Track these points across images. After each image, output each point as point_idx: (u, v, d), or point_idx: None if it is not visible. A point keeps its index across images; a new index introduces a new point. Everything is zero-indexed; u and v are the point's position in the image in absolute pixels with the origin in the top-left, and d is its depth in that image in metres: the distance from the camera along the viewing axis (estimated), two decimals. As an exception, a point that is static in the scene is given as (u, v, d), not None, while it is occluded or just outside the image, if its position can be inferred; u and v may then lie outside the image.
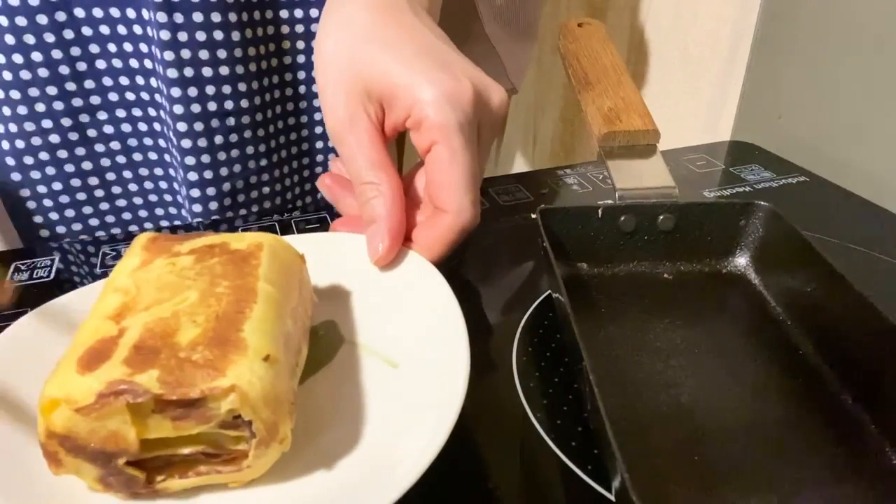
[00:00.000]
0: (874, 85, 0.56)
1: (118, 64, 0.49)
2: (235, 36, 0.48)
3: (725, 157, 0.62)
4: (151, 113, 0.51)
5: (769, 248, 0.41)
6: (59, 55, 0.47)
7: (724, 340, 0.38)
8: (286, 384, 0.26)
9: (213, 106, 0.49)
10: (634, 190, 0.42)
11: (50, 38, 0.46)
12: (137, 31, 0.47)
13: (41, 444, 0.24)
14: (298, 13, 0.51)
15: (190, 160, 0.50)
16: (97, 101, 0.50)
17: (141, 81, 0.50)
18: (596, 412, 0.27)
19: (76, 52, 0.47)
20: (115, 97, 0.50)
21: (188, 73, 0.47)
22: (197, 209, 0.53)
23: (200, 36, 0.46)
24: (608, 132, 0.44)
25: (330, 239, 0.40)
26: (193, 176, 0.51)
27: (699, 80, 0.77)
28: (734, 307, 0.41)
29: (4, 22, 0.45)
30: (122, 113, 0.51)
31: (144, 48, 0.48)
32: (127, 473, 0.25)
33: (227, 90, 0.49)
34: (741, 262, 0.43)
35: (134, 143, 0.52)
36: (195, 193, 0.52)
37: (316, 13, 0.50)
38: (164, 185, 0.54)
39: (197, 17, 0.46)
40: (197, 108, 0.49)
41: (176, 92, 0.48)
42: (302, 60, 0.53)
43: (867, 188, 0.54)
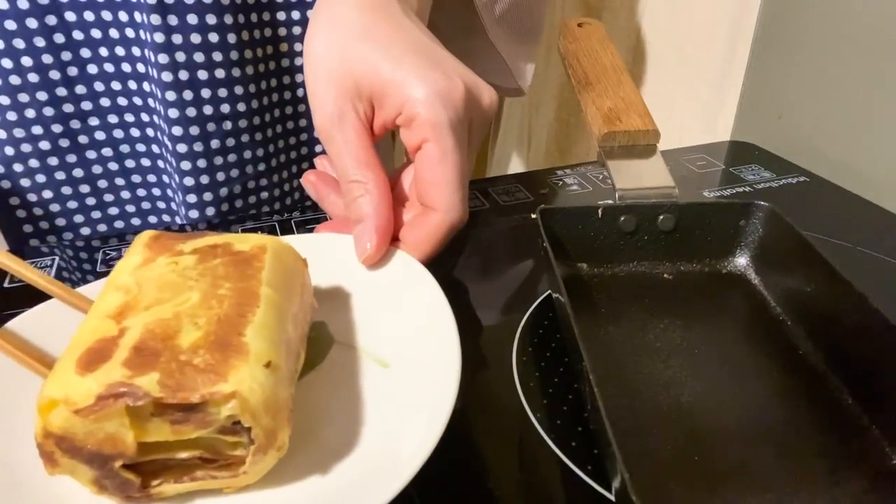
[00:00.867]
0: (874, 85, 0.56)
1: (110, 68, 0.48)
2: (231, 38, 0.47)
3: (725, 157, 0.62)
4: (144, 118, 0.50)
5: (769, 248, 0.41)
6: (49, 60, 0.46)
7: (724, 340, 0.38)
8: (286, 391, 0.26)
9: (208, 110, 0.48)
10: (634, 190, 0.42)
11: (40, 42, 0.46)
12: (130, 34, 0.47)
13: (37, 443, 0.24)
14: (295, 15, 0.50)
15: (186, 165, 0.50)
16: (88, 106, 0.49)
17: (133, 86, 0.49)
18: (596, 412, 0.27)
19: (67, 56, 0.47)
20: (106, 102, 0.49)
21: (183, 76, 0.46)
22: (193, 215, 0.52)
23: (195, 38, 0.46)
24: (608, 132, 0.44)
25: (318, 240, 0.40)
26: (189, 181, 0.50)
27: (698, 80, 0.77)
28: (734, 307, 0.41)
29: None
30: (113, 119, 0.50)
31: (137, 52, 0.47)
32: (122, 477, 0.25)
33: (222, 93, 0.48)
34: (741, 262, 0.43)
35: (126, 149, 0.51)
36: (191, 199, 0.51)
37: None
38: (157, 192, 0.54)
39: (192, 19, 0.45)
40: (192, 111, 0.48)
41: (171, 96, 0.47)
42: (298, 63, 0.52)
43: (867, 188, 0.54)
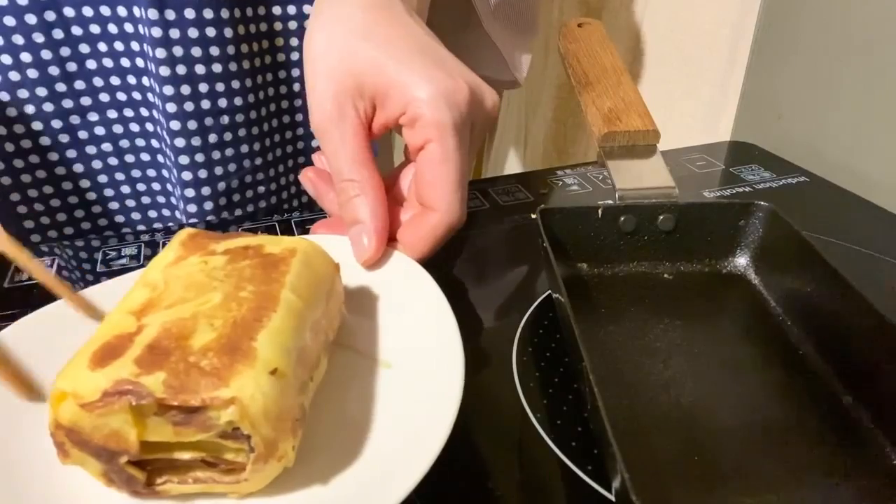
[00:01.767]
0: (874, 85, 0.56)
1: (109, 64, 0.48)
2: (228, 33, 0.47)
3: (725, 157, 0.62)
4: (144, 113, 0.50)
5: (769, 248, 0.41)
6: (48, 56, 0.46)
7: (724, 340, 0.38)
8: (292, 400, 0.26)
9: (206, 104, 0.49)
10: (634, 190, 0.42)
11: (39, 38, 0.46)
12: (129, 29, 0.47)
13: (50, 433, 0.24)
14: (291, 9, 0.50)
15: (184, 159, 0.50)
16: (88, 101, 0.49)
17: (133, 81, 0.49)
18: (596, 412, 0.27)
19: (66, 52, 0.47)
20: (106, 98, 0.49)
21: (180, 70, 0.47)
22: (192, 209, 0.52)
23: (192, 33, 0.46)
24: (608, 132, 0.44)
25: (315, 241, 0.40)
26: (187, 175, 0.51)
27: (698, 80, 0.77)
28: (734, 307, 0.41)
29: None
30: (113, 114, 0.50)
31: (136, 47, 0.47)
32: (128, 472, 0.25)
33: (220, 88, 0.49)
34: (741, 262, 0.43)
35: (126, 144, 0.51)
36: (189, 193, 0.51)
37: (309, 9, 0.50)
38: (157, 186, 0.54)
39: (189, 13, 0.45)
40: (190, 106, 0.48)
41: (168, 90, 0.47)
42: (296, 58, 0.52)
43: (867, 188, 0.54)
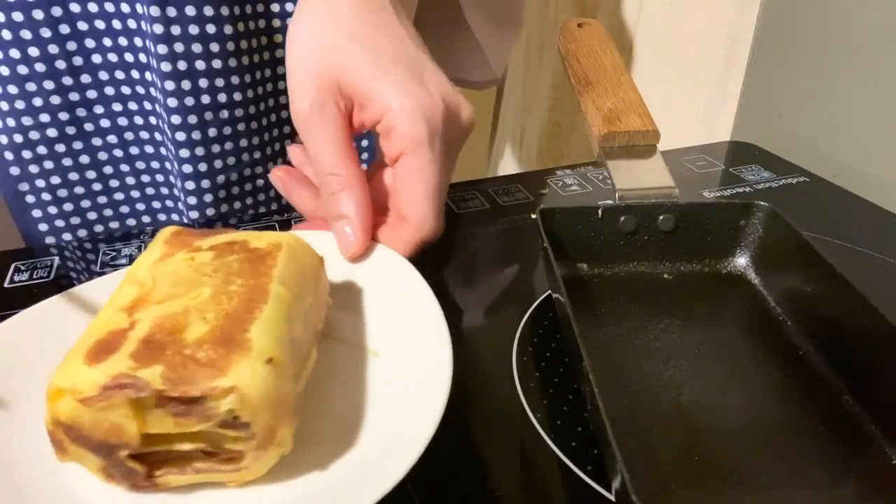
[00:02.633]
0: (874, 85, 0.56)
1: (114, 58, 0.49)
2: (228, 29, 0.48)
3: (725, 157, 0.62)
4: (147, 107, 0.51)
5: (769, 248, 0.41)
6: (55, 50, 0.47)
7: (724, 340, 0.38)
8: (288, 388, 0.26)
9: (206, 99, 0.49)
10: (634, 190, 0.42)
11: (46, 33, 0.47)
12: (132, 25, 0.48)
13: (48, 431, 0.24)
14: (290, 6, 0.51)
15: (184, 153, 0.51)
16: (94, 95, 0.50)
17: (136, 76, 0.50)
18: (596, 412, 0.27)
19: (72, 46, 0.48)
20: (111, 91, 0.50)
21: (181, 66, 0.47)
22: (192, 202, 0.53)
23: (193, 29, 0.46)
24: (608, 132, 0.44)
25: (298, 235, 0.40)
26: (188, 168, 0.51)
27: (698, 80, 0.77)
28: (734, 307, 0.41)
29: (1, 18, 0.45)
30: (118, 107, 0.51)
31: (139, 42, 0.48)
32: (128, 466, 0.25)
33: (220, 83, 0.49)
34: (741, 262, 0.43)
35: (130, 136, 0.52)
36: (190, 186, 0.52)
37: None
38: (160, 177, 0.55)
39: (189, 10, 0.46)
40: (190, 101, 0.49)
41: (170, 85, 0.48)
42: None
43: (867, 188, 0.54)
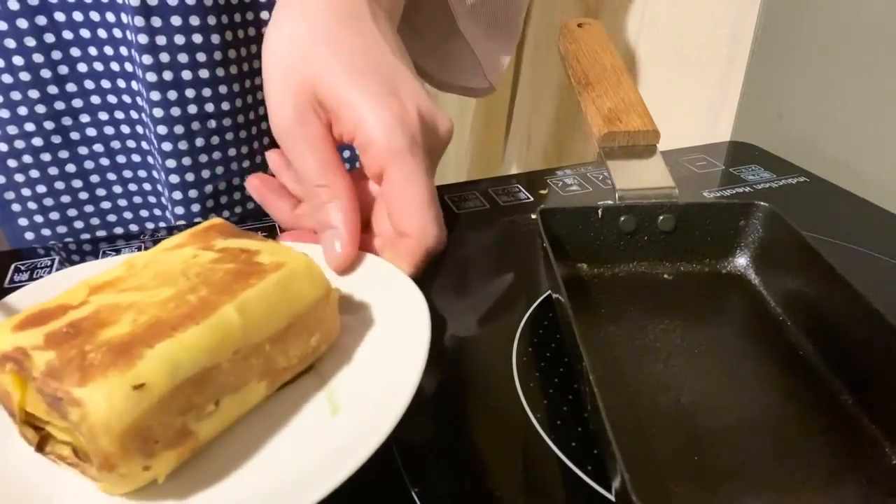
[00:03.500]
0: (874, 85, 0.56)
1: (99, 67, 0.49)
2: (215, 39, 0.47)
3: (725, 157, 0.62)
4: (134, 115, 0.51)
5: (769, 248, 0.41)
6: (40, 59, 0.47)
7: (724, 340, 0.38)
8: (158, 420, 0.24)
9: (193, 109, 0.49)
10: (634, 190, 0.42)
11: (31, 42, 0.46)
12: (117, 34, 0.47)
13: None
14: None
15: (171, 163, 0.50)
16: (79, 103, 0.50)
17: (122, 84, 0.50)
18: (596, 412, 0.27)
19: (57, 55, 0.47)
20: (97, 100, 0.50)
21: (167, 76, 0.47)
22: (179, 211, 0.53)
23: (179, 39, 0.46)
24: (608, 133, 0.44)
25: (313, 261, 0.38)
26: (175, 178, 0.51)
27: (698, 80, 0.77)
28: (734, 307, 0.41)
29: None
30: (104, 115, 0.51)
31: (125, 52, 0.48)
32: (23, 431, 0.26)
33: (206, 93, 0.49)
34: (741, 262, 0.43)
35: (117, 145, 0.52)
36: (177, 196, 0.52)
37: None
38: (147, 186, 0.54)
39: (175, 20, 0.45)
40: (177, 111, 0.48)
41: (155, 95, 0.47)
42: None
43: (867, 188, 0.54)
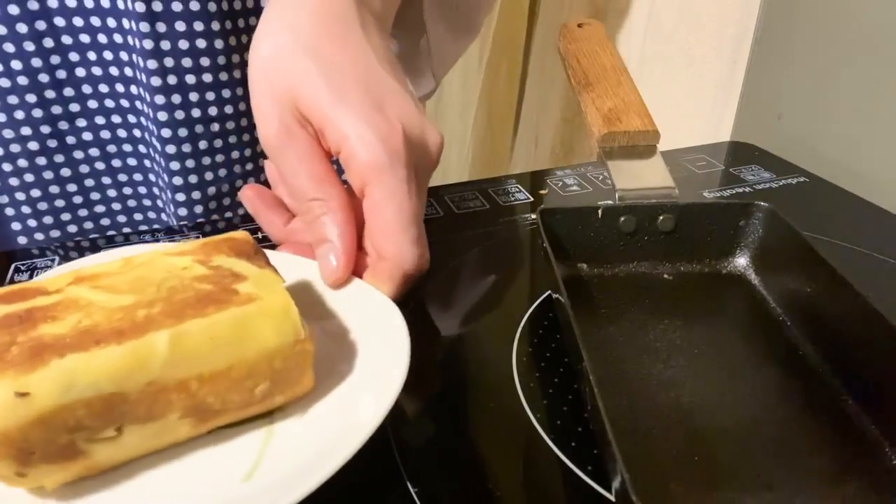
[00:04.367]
0: (874, 85, 0.56)
1: (98, 72, 0.49)
2: (218, 44, 0.48)
3: (725, 157, 0.62)
4: (131, 120, 0.51)
5: (769, 248, 0.41)
6: (38, 63, 0.47)
7: (724, 341, 0.38)
8: (32, 432, 0.24)
9: (196, 112, 0.49)
10: (634, 190, 0.42)
11: (30, 46, 0.46)
12: (118, 39, 0.47)
13: None
14: None
15: (174, 165, 0.51)
16: (76, 108, 0.50)
17: (121, 89, 0.50)
18: (596, 412, 0.27)
19: (56, 60, 0.47)
20: (94, 104, 0.50)
21: (171, 80, 0.47)
22: (182, 213, 0.53)
23: (183, 45, 0.47)
24: (608, 133, 0.44)
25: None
26: (178, 180, 0.51)
27: (701, 80, 0.77)
28: (734, 308, 0.41)
29: None
30: (101, 120, 0.51)
31: (125, 56, 0.48)
32: None
33: (210, 97, 0.49)
34: (741, 262, 0.43)
35: (113, 149, 0.52)
36: (180, 197, 0.52)
37: None
38: (143, 190, 0.54)
39: (180, 26, 0.46)
40: (181, 114, 0.49)
41: (160, 99, 0.48)
42: None
43: (867, 189, 0.54)
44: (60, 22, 0.46)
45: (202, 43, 0.47)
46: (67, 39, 0.47)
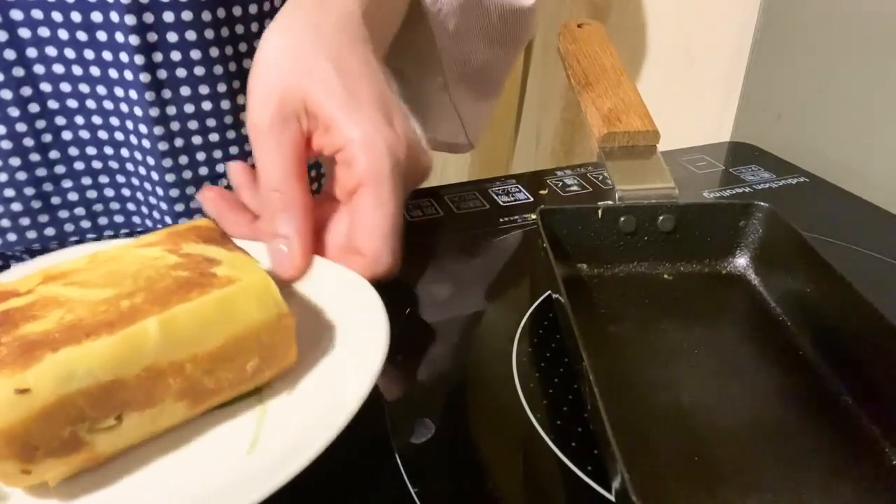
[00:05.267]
0: (874, 85, 0.56)
1: (85, 135, 0.48)
2: (225, 105, 0.48)
3: (725, 157, 0.62)
4: (120, 180, 0.51)
5: (769, 248, 0.41)
6: (23, 128, 0.46)
7: (724, 341, 0.38)
8: (35, 427, 0.24)
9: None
10: (634, 191, 0.42)
11: (14, 112, 0.45)
12: (108, 106, 0.47)
13: None
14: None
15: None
16: (62, 170, 0.49)
17: (110, 152, 0.49)
18: (596, 412, 0.27)
19: (41, 125, 0.47)
20: (80, 166, 0.49)
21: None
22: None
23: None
24: (608, 133, 0.44)
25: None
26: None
27: (701, 80, 0.77)
28: (734, 308, 0.41)
29: None
30: (87, 181, 0.50)
31: (115, 122, 0.48)
32: None
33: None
34: (741, 262, 0.43)
35: (100, 208, 0.52)
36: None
37: None
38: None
39: (185, 91, 0.47)
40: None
41: (167, 162, 0.48)
42: None
43: (867, 188, 0.54)
44: (47, 87, 0.46)
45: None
46: (54, 104, 0.47)
